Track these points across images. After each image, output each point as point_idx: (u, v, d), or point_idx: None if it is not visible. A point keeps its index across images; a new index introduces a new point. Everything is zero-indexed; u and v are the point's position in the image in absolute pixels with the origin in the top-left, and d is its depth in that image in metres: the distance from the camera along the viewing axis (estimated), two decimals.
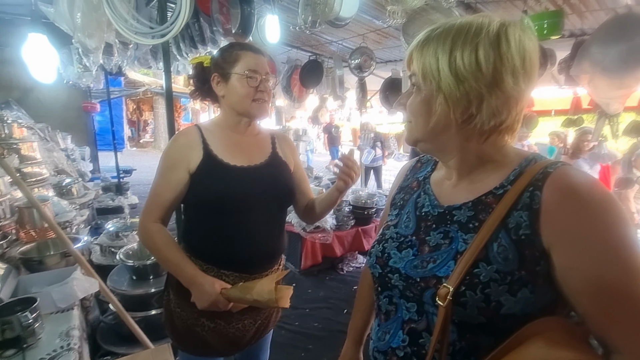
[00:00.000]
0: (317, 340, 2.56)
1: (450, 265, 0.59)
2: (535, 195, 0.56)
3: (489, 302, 0.54)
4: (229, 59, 1.09)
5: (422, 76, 0.61)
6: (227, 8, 2.23)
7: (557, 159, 3.40)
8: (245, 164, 1.12)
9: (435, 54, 0.59)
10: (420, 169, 0.81)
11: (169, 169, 1.08)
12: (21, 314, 1.14)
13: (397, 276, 0.66)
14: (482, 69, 0.56)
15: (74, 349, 1.16)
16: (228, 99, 1.12)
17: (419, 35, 0.63)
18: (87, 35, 1.52)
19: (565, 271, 0.53)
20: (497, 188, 0.61)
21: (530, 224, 0.55)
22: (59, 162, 3.50)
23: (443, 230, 0.64)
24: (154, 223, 1.07)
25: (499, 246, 0.56)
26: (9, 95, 4.75)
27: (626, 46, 2.38)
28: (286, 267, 3.71)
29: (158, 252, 1.08)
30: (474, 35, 0.57)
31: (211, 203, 1.08)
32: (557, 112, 5.27)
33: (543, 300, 0.55)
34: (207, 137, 1.12)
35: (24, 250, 1.66)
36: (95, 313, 1.97)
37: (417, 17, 2.60)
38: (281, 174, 1.19)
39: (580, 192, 0.53)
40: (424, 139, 0.65)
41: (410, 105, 0.65)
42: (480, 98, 0.58)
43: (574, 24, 3.14)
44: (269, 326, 1.27)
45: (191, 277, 1.02)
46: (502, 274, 0.55)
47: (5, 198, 1.92)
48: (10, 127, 2.40)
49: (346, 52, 4.05)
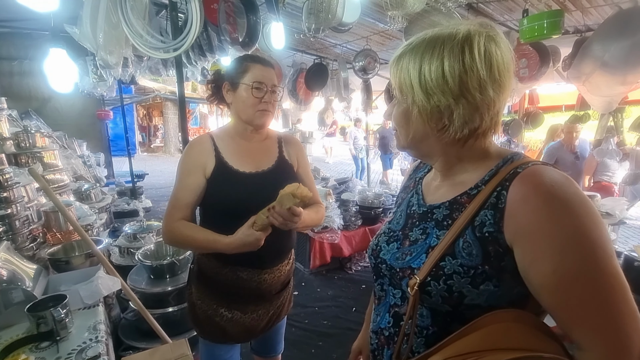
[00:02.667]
0: (327, 338, 2.63)
1: (422, 258, 0.65)
2: (501, 195, 0.59)
3: (451, 292, 0.59)
4: (239, 70, 1.17)
5: (399, 90, 0.66)
6: (233, 18, 2.32)
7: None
8: (254, 170, 1.20)
9: (407, 69, 0.63)
10: (420, 169, 0.86)
11: (186, 174, 1.16)
12: (54, 310, 1.23)
13: (384, 266, 0.73)
14: (448, 82, 0.59)
15: (102, 341, 1.26)
16: (235, 106, 1.20)
17: (397, 49, 0.67)
18: (109, 52, 1.64)
19: (526, 267, 0.55)
20: (471, 188, 0.65)
21: (495, 222, 0.58)
22: (77, 169, 3.65)
23: (422, 227, 0.69)
24: (176, 221, 1.14)
25: (464, 242, 0.60)
26: (29, 105, 4.95)
27: (629, 42, 2.37)
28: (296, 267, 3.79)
29: (188, 240, 1.14)
30: (440, 49, 0.59)
31: (224, 207, 1.16)
32: (567, 108, 5.23)
33: (510, 295, 0.58)
34: (218, 145, 1.20)
35: (52, 252, 1.77)
36: (116, 310, 2.08)
37: (419, 19, 2.65)
38: (287, 176, 1.25)
39: (542, 190, 0.55)
40: (408, 146, 0.70)
41: (393, 116, 0.70)
42: (450, 110, 0.60)
43: (578, 20, 3.14)
44: (282, 315, 1.37)
45: (228, 242, 1.08)
46: (465, 267, 0.59)
47: (33, 204, 2.05)
48: (33, 136, 2.54)
49: (350, 54, 4.11)
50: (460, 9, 2.71)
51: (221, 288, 1.22)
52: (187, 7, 1.58)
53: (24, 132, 2.56)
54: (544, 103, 5.12)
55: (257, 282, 1.22)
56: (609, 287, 0.51)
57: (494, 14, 3.09)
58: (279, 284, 1.29)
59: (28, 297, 1.34)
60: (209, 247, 1.14)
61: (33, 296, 1.35)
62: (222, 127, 1.29)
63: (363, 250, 3.85)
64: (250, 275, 1.20)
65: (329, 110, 5.26)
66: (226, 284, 1.21)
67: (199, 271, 1.27)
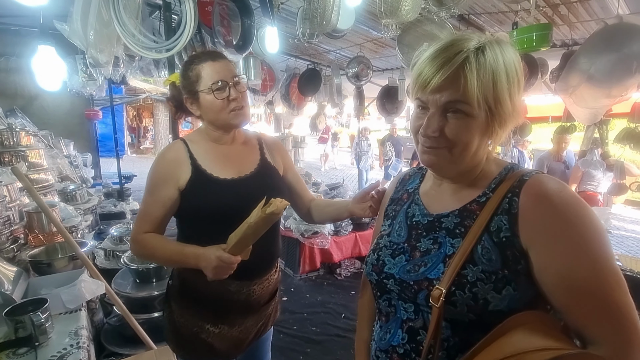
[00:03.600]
0: (316, 344, 2.61)
1: (440, 268, 0.63)
2: (513, 201, 0.62)
3: (476, 300, 0.59)
4: (192, 78, 1.05)
5: (479, 102, 0.59)
6: (228, 21, 2.32)
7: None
8: (235, 176, 1.10)
9: (493, 81, 0.59)
10: (409, 181, 0.85)
11: (157, 186, 1.06)
12: (33, 314, 1.18)
13: (392, 281, 0.70)
14: (513, 91, 0.61)
15: (83, 347, 1.22)
16: (205, 117, 1.10)
17: (452, 49, 0.60)
18: (99, 50, 1.61)
19: (541, 269, 0.58)
20: (480, 196, 0.67)
21: (510, 227, 0.60)
22: (63, 169, 3.57)
23: (432, 237, 0.68)
24: (143, 233, 1.05)
25: (482, 248, 0.61)
26: (14, 103, 4.83)
27: (614, 56, 2.44)
28: (285, 272, 3.75)
29: (155, 253, 1.06)
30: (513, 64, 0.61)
31: (204, 217, 1.07)
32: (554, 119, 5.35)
33: (526, 297, 0.60)
34: (194, 152, 1.10)
35: (34, 254, 1.72)
36: (99, 315, 2.03)
37: (412, 28, 2.70)
38: (271, 181, 1.17)
39: (552, 197, 0.59)
40: (469, 165, 0.67)
41: (457, 131, 0.62)
42: (507, 122, 0.63)
43: (565, 34, 3.23)
44: (269, 325, 1.30)
45: (194, 255, 0.99)
46: (487, 273, 0.59)
47: (15, 204, 1.99)
48: (18, 135, 2.47)
49: (344, 60, 4.14)
50: (452, 20, 2.76)
51: (207, 303, 1.13)
52: (182, 8, 1.57)
53: (8, 130, 2.49)
54: (531, 114, 5.23)
55: (247, 294, 1.14)
56: (615, 284, 0.55)
57: (485, 25, 3.16)
58: (267, 294, 1.23)
59: (6, 300, 1.30)
60: (178, 261, 1.06)
61: (12, 300, 1.30)
62: (197, 131, 1.18)
63: (353, 256, 3.84)
64: (239, 288, 1.12)
65: (321, 115, 5.28)
66: (213, 298, 1.12)
67: (181, 286, 1.16)
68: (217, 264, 0.94)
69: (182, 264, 1.08)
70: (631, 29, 2.28)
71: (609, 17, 2.68)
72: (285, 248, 3.91)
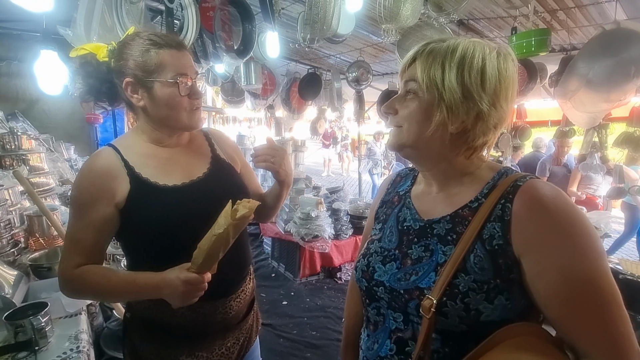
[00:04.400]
0: (315, 349, 2.60)
1: (431, 277, 0.61)
2: (506, 207, 0.60)
3: (468, 310, 0.57)
4: (148, 62, 0.86)
5: (426, 83, 0.62)
6: (229, 26, 2.33)
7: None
8: (187, 180, 0.94)
9: (442, 65, 0.61)
10: (400, 183, 0.83)
11: (87, 206, 0.86)
12: (33, 318, 1.18)
13: (382, 289, 0.67)
14: (486, 87, 0.61)
15: (83, 351, 1.21)
16: (153, 111, 0.90)
17: (422, 43, 0.65)
18: None
19: (534, 278, 0.56)
20: (472, 201, 0.65)
21: (503, 234, 0.58)
22: (64, 172, 3.57)
23: (424, 244, 0.66)
24: (75, 268, 0.85)
25: (475, 257, 0.59)
26: (15, 107, 4.84)
27: (612, 61, 2.47)
28: (285, 276, 3.74)
29: (98, 289, 0.86)
30: (481, 52, 0.61)
31: (156, 235, 0.89)
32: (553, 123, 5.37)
33: (518, 307, 0.58)
34: (129, 159, 0.91)
35: (34, 258, 1.71)
36: (99, 319, 2.02)
37: (412, 33, 2.72)
38: (229, 180, 1.02)
39: (546, 203, 0.57)
40: (414, 145, 0.66)
41: (407, 110, 0.65)
42: (479, 115, 0.61)
43: (564, 39, 3.26)
44: (253, 337, 1.13)
45: (153, 284, 0.81)
46: (479, 283, 0.57)
47: (16, 207, 1.99)
48: (19, 138, 2.48)
49: (344, 65, 4.17)
50: (451, 25, 2.79)
51: (177, 333, 0.95)
52: (184, 14, 1.59)
53: (9, 134, 2.50)
54: (530, 118, 5.25)
55: (223, 313, 0.99)
56: (610, 296, 0.53)
57: (484, 30, 3.19)
58: (245, 306, 1.08)
59: (6, 304, 1.29)
60: (131, 291, 0.85)
61: (12, 303, 1.30)
62: (129, 134, 0.99)
63: (353, 260, 3.83)
64: (213, 308, 0.96)
65: (321, 119, 5.29)
66: (184, 325, 0.94)
67: (142, 319, 0.97)
68: (184, 289, 0.78)
69: (138, 297, 0.91)
70: (629, 34, 2.31)
71: (606, 22, 2.71)
72: (285, 252, 3.91)
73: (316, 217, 3.50)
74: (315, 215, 3.50)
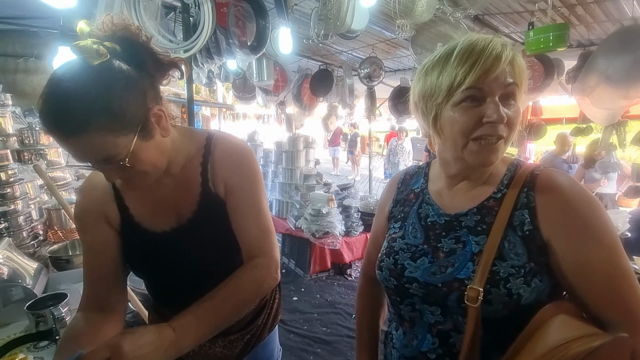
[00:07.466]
0: (326, 345, 2.62)
1: (469, 267, 0.62)
2: (530, 195, 0.63)
3: (511, 295, 0.59)
4: None
5: (522, 85, 0.63)
6: (243, 22, 2.34)
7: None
8: (175, 225, 0.84)
9: (522, 62, 0.63)
10: (412, 181, 0.83)
11: (85, 230, 0.84)
12: (54, 308, 1.21)
13: (415, 285, 0.67)
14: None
15: None
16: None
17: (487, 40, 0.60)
18: None
19: (562, 258, 0.60)
20: (495, 192, 0.67)
21: (531, 220, 0.62)
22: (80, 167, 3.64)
23: (454, 236, 0.67)
24: (77, 312, 0.81)
25: (509, 243, 0.62)
26: (33, 103, 4.94)
27: (631, 57, 2.41)
28: (295, 272, 3.75)
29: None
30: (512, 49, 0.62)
31: (139, 273, 0.90)
32: (568, 120, 5.25)
33: (549, 288, 0.61)
34: (119, 185, 0.83)
35: (53, 250, 1.75)
36: None
37: (426, 29, 2.69)
38: (217, 224, 0.85)
39: (566, 190, 0.62)
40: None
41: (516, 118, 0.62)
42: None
43: (581, 35, 3.18)
44: (263, 335, 1.04)
45: None
46: (516, 268, 0.60)
47: (35, 201, 2.04)
48: (37, 133, 2.53)
49: (356, 61, 4.14)
50: (467, 20, 2.74)
51: None
52: (200, 10, 1.59)
53: (28, 129, 2.56)
54: (546, 115, 5.14)
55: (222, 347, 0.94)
56: (628, 268, 0.58)
57: (500, 26, 3.13)
58: (251, 315, 0.99)
59: (28, 294, 1.33)
60: None
61: (33, 294, 1.33)
62: None
63: (364, 257, 3.82)
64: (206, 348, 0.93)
65: (332, 116, 5.28)
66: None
67: None
68: None
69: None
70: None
71: (624, 18, 2.64)
72: (295, 248, 3.92)
73: (327, 214, 3.50)
74: (326, 211, 3.50)
